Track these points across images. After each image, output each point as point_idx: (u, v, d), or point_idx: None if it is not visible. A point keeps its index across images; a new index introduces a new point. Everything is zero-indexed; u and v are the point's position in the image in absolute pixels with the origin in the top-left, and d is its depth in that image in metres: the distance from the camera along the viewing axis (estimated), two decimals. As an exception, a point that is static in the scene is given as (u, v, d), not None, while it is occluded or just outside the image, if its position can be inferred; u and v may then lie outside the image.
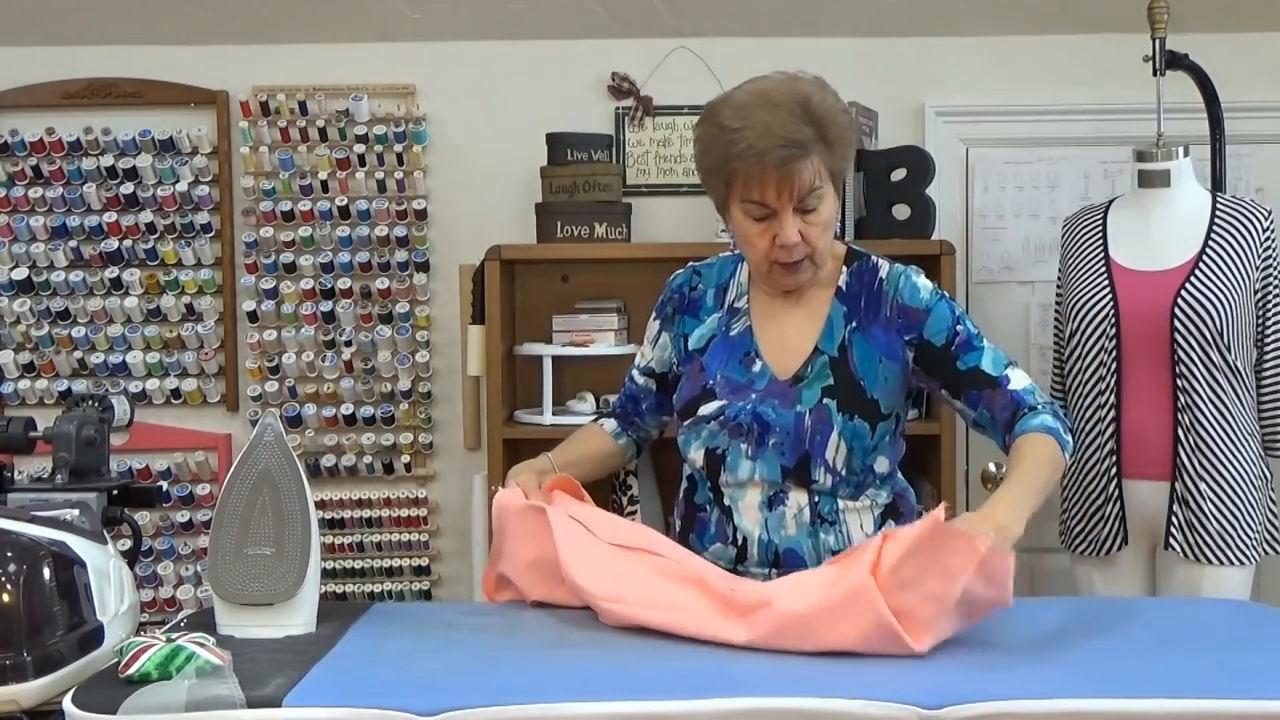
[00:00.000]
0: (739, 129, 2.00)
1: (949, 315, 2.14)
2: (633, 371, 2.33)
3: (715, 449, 2.12)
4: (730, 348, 2.17)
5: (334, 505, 3.55)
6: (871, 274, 2.17)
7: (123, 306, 3.53)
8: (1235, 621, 1.68)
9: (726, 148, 2.02)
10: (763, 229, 2.05)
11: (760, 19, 3.48)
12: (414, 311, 3.54)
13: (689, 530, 2.20)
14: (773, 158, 1.98)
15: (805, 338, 2.14)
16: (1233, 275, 2.75)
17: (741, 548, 2.12)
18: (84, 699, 1.53)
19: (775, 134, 1.98)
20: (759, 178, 2.01)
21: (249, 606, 1.83)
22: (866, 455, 2.11)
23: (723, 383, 2.14)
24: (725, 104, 2.06)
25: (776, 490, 2.10)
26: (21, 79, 3.52)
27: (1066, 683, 1.56)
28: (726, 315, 2.21)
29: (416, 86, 3.54)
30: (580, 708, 1.51)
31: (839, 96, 2.08)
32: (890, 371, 2.12)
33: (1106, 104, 3.47)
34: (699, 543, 2.17)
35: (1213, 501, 2.74)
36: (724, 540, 2.13)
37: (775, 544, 2.10)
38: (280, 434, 1.89)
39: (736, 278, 2.23)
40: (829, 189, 2.05)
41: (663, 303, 2.28)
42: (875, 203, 3.24)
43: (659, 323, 2.28)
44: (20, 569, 1.63)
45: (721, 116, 2.04)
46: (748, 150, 1.99)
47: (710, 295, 2.23)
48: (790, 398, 2.10)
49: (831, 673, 1.62)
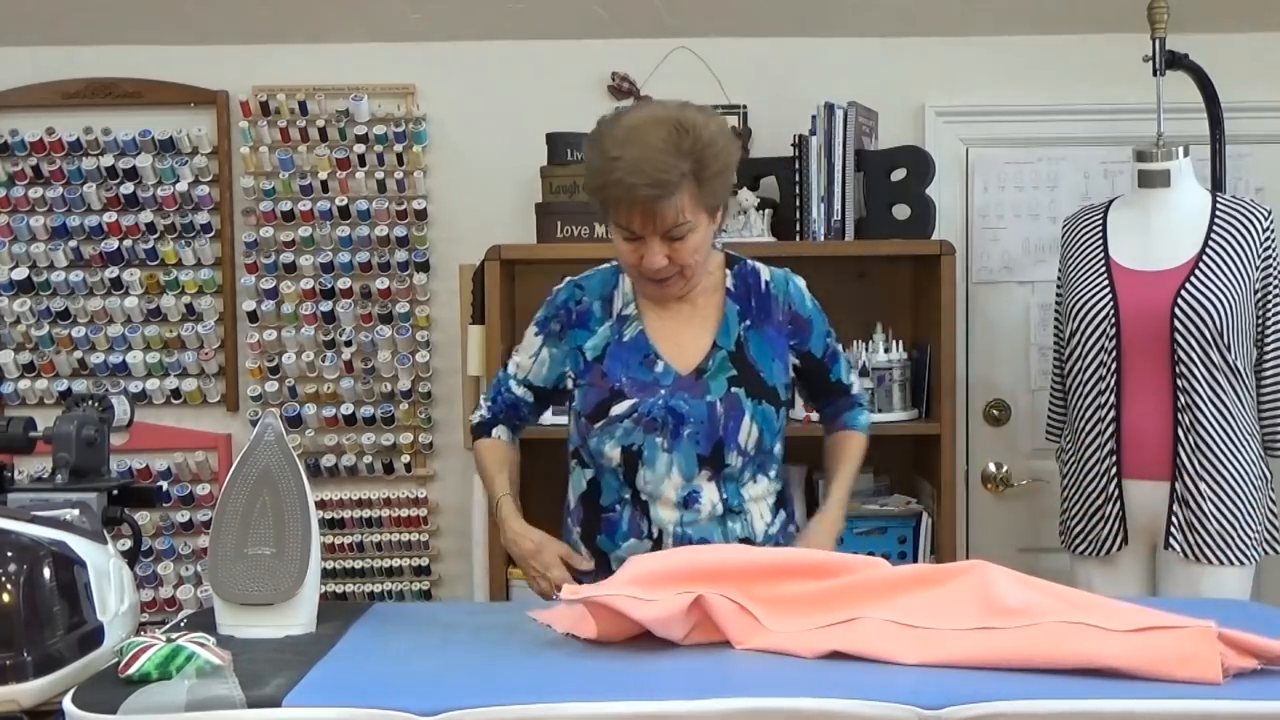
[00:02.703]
0: (615, 159, 2.08)
1: (823, 326, 2.33)
2: (509, 383, 2.37)
3: (631, 446, 2.19)
4: (627, 352, 2.24)
5: (334, 505, 3.55)
6: (754, 276, 2.30)
7: (123, 306, 3.53)
8: (1235, 621, 1.68)
9: (602, 176, 2.10)
10: (632, 249, 2.15)
11: (760, 19, 3.48)
12: (414, 311, 3.54)
13: (594, 532, 2.26)
14: (639, 194, 2.06)
15: (702, 336, 2.24)
16: (1233, 275, 2.75)
17: (657, 540, 2.21)
18: (84, 699, 1.53)
19: (645, 171, 2.05)
20: (627, 208, 2.10)
21: (249, 606, 1.83)
22: (774, 438, 2.25)
23: (629, 383, 2.21)
24: (610, 128, 2.14)
25: (691, 490, 2.19)
26: (21, 79, 3.52)
27: (1066, 683, 1.56)
28: (617, 323, 2.27)
29: (416, 86, 3.54)
30: (580, 708, 1.51)
31: (724, 125, 2.19)
32: (780, 368, 2.26)
33: (1106, 104, 3.47)
34: (610, 541, 2.24)
35: (1213, 501, 2.74)
36: (638, 535, 2.22)
37: (690, 536, 2.19)
38: (280, 434, 1.89)
39: (620, 288, 2.30)
40: (700, 219, 2.13)
41: (545, 318, 2.33)
42: (875, 203, 3.24)
43: (541, 338, 2.33)
44: (20, 569, 1.63)
45: (604, 141, 2.12)
46: (618, 183, 2.07)
47: (597, 306, 2.29)
48: (699, 389, 2.20)
49: (831, 673, 1.62)
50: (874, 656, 1.68)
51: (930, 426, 3.16)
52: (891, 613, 1.75)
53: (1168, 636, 1.61)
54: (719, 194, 2.17)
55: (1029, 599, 1.72)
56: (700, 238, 2.15)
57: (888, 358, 3.21)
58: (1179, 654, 1.58)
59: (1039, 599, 1.73)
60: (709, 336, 2.24)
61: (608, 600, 1.76)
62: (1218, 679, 1.55)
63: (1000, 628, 1.68)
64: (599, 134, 2.15)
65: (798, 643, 1.73)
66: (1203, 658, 1.57)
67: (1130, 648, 1.59)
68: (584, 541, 2.28)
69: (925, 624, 1.72)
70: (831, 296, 2.33)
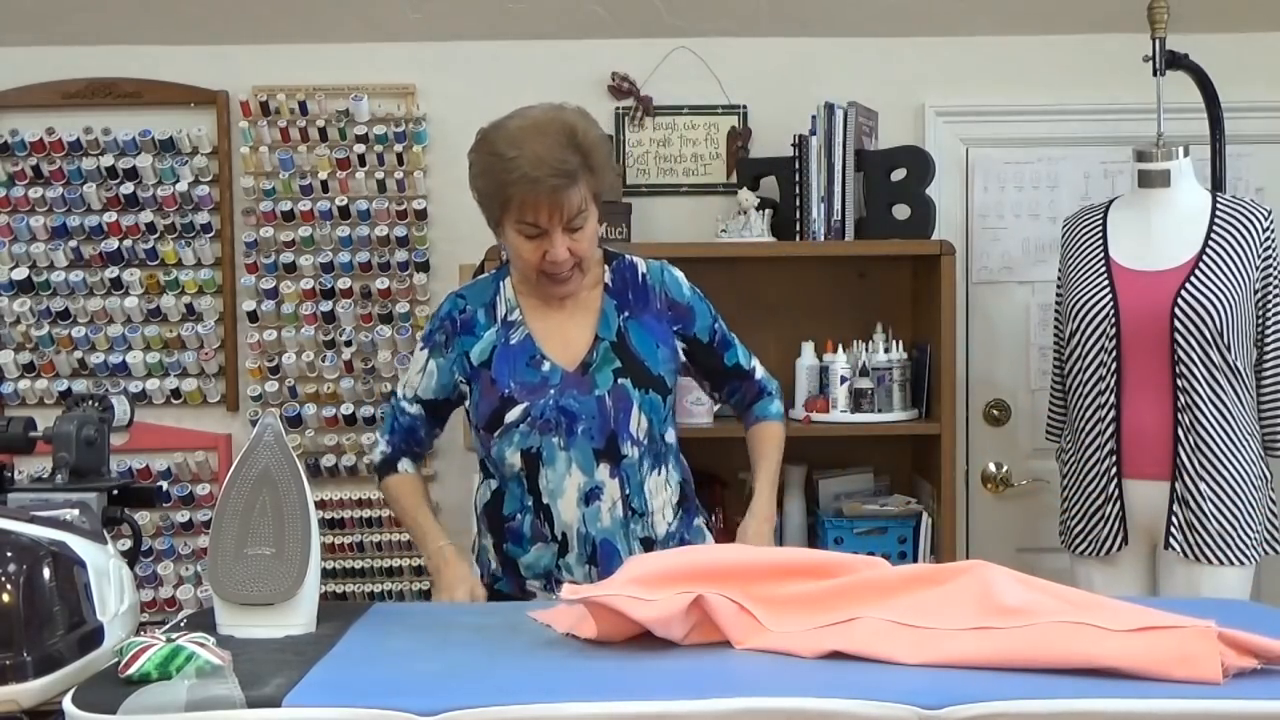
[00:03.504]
0: (514, 157, 2.15)
1: (709, 314, 2.40)
2: (401, 404, 2.39)
3: (530, 449, 2.24)
4: (514, 355, 2.29)
5: (334, 505, 3.55)
6: (631, 270, 2.37)
7: (123, 306, 3.53)
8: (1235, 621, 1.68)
9: (502, 174, 2.17)
10: (534, 246, 2.21)
11: (760, 19, 3.48)
12: (414, 311, 3.54)
13: (501, 543, 2.30)
14: (545, 185, 2.15)
15: (584, 330, 2.31)
16: (1233, 275, 2.75)
17: (562, 543, 2.25)
18: (84, 699, 1.53)
19: (547, 163, 2.14)
20: (533, 202, 2.17)
21: (249, 606, 1.83)
22: (662, 425, 2.31)
23: (518, 387, 2.26)
24: (499, 132, 2.21)
25: (593, 486, 2.24)
26: (21, 79, 3.52)
27: (1066, 683, 1.56)
28: (503, 328, 2.31)
29: (416, 86, 3.55)
30: (580, 708, 1.51)
31: (599, 126, 2.29)
32: (665, 355, 2.32)
33: (1106, 104, 3.47)
34: (517, 548, 2.28)
35: (1213, 501, 2.74)
36: (543, 540, 2.26)
37: (593, 536, 2.25)
38: (280, 434, 1.89)
39: (503, 294, 2.35)
40: (592, 209, 2.24)
41: (431, 332, 2.37)
42: (875, 203, 3.25)
43: (426, 351, 2.36)
44: (20, 569, 1.63)
45: (497, 144, 2.18)
46: (522, 178, 2.15)
47: (481, 313, 2.34)
48: (586, 385, 2.26)
49: (831, 673, 1.62)
50: (873, 656, 1.67)
51: (930, 426, 3.16)
52: (891, 613, 1.75)
53: (1168, 637, 1.60)
54: (605, 185, 2.27)
55: (1028, 599, 1.72)
56: (594, 228, 2.26)
57: (888, 358, 3.21)
58: (1179, 654, 1.58)
59: (1038, 599, 1.73)
60: (590, 330, 2.30)
61: (607, 600, 1.76)
62: (1218, 679, 1.55)
63: (1000, 627, 1.67)
64: (487, 139, 2.23)
65: (797, 643, 1.73)
66: (1202, 657, 1.56)
67: (1130, 648, 1.59)
68: (494, 550, 2.32)
69: (924, 624, 1.72)
70: (831, 296, 2.34)
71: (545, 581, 2.29)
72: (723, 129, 3.53)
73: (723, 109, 3.52)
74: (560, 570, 2.27)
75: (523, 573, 2.30)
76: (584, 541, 2.25)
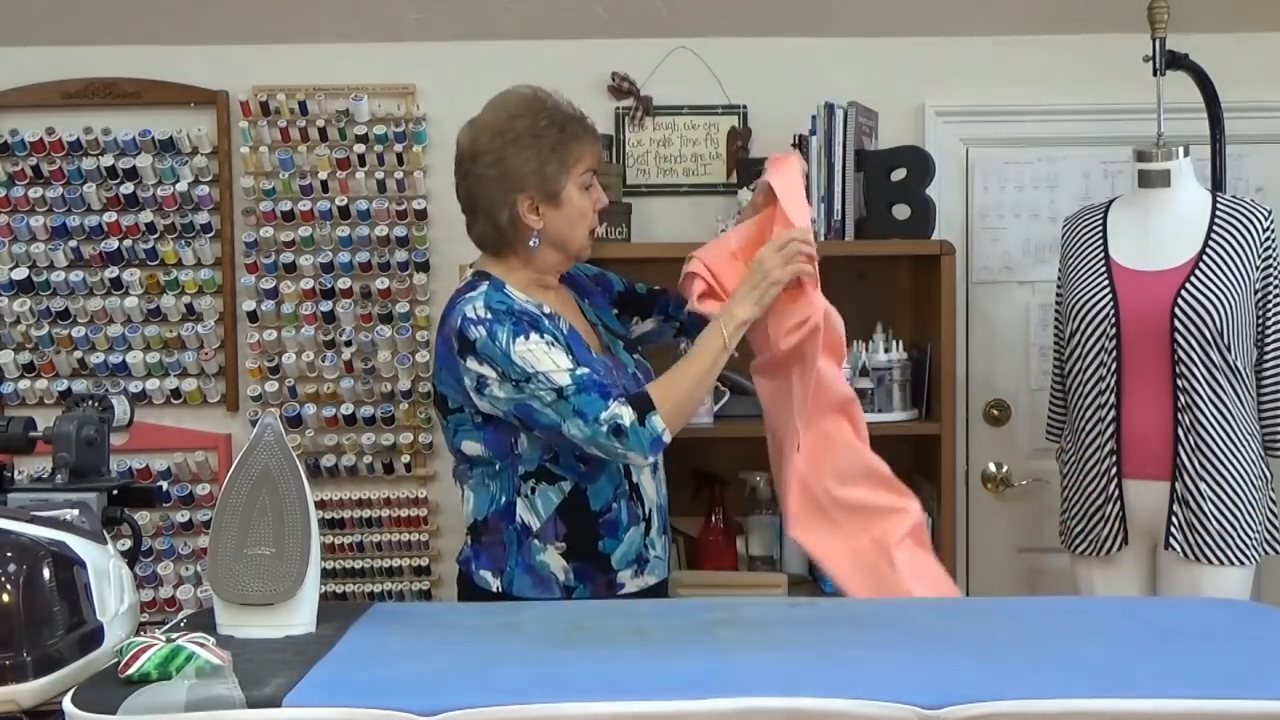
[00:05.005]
0: (572, 115, 2.30)
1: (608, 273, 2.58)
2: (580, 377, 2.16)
3: None
4: (577, 344, 2.29)
5: (334, 505, 3.55)
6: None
7: (123, 306, 3.53)
8: (1235, 621, 1.68)
9: (559, 117, 2.28)
10: (588, 197, 2.32)
11: (760, 19, 3.48)
12: (414, 311, 3.54)
13: (594, 540, 2.26)
14: (594, 129, 2.35)
15: (581, 318, 2.41)
16: (1233, 275, 2.75)
17: (648, 521, 2.30)
18: (84, 699, 1.53)
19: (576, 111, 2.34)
20: (593, 148, 2.33)
21: (249, 606, 1.83)
22: None
23: (604, 370, 2.27)
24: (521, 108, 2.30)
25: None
26: (21, 79, 3.52)
27: (1066, 683, 1.56)
28: (550, 322, 2.27)
29: (416, 86, 3.55)
30: (580, 708, 1.51)
31: None
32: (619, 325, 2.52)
33: (1106, 104, 3.47)
34: (612, 541, 2.27)
35: (1213, 501, 2.74)
36: (635, 522, 2.28)
37: (661, 505, 2.37)
38: (280, 434, 1.89)
39: (517, 298, 2.28)
40: None
41: (518, 321, 2.20)
42: (875, 203, 3.24)
43: (533, 335, 2.19)
44: (20, 569, 1.63)
45: (536, 115, 2.27)
46: (583, 129, 2.30)
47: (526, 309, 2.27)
48: (620, 365, 2.37)
49: (831, 673, 1.62)
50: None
51: (930, 426, 3.16)
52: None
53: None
54: None
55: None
56: None
57: (888, 358, 3.21)
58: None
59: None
60: (585, 319, 2.41)
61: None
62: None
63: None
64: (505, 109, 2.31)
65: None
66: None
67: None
68: (571, 558, 2.26)
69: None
70: (832, 296, 2.33)
71: (636, 567, 2.30)
72: (723, 129, 3.53)
73: (723, 109, 3.52)
74: (647, 549, 2.31)
75: (613, 566, 2.27)
76: (660, 513, 2.35)
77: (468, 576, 2.34)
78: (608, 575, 2.28)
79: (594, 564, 2.27)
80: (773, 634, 1.84)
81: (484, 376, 2.19)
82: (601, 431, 2.13)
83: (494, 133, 2.27)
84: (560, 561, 2.26)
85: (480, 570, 2.31)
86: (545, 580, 2.27)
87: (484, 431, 2.26)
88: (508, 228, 2.29)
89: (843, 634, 1.84)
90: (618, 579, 2.28)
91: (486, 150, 2.27)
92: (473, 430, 2.27)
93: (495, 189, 2.28)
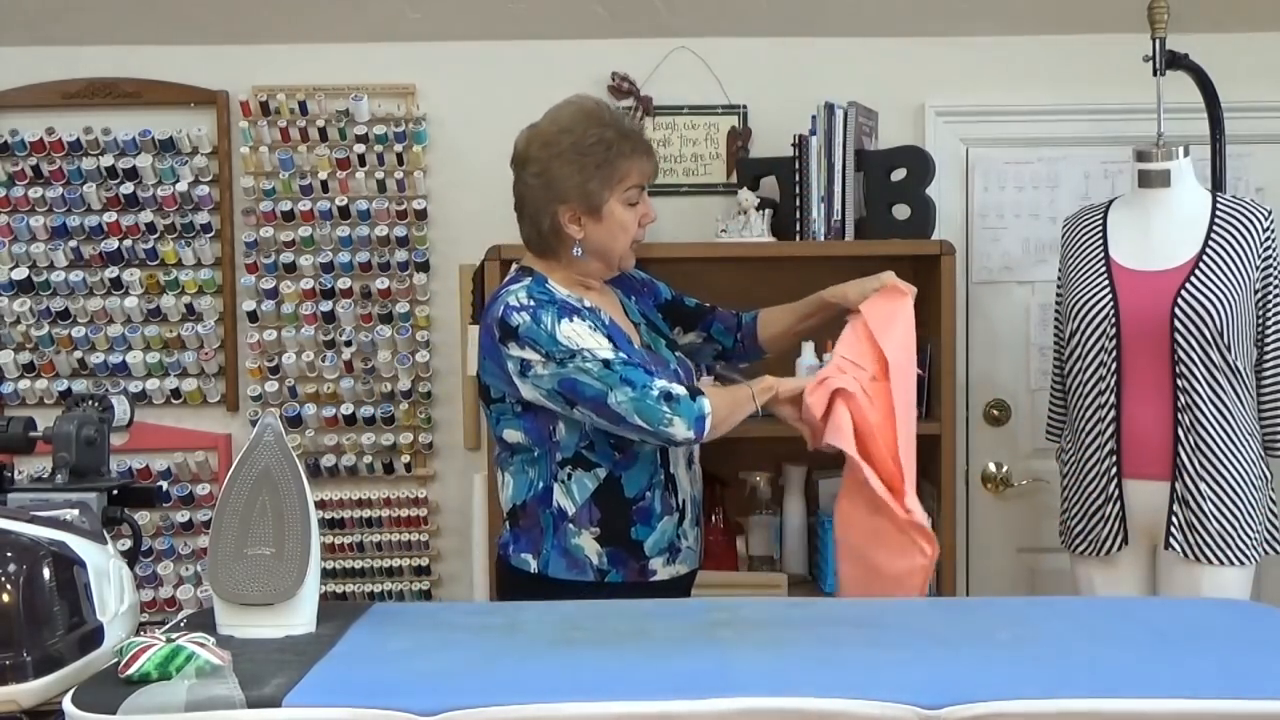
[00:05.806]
0: (628, 130, 2.33)
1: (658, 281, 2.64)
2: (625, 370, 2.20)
3: None
4: (619, 335, 2.34)
5: (334, 505, 3.55)
6: None
7: (123, 306, 3.53)
8: (1235, 621, 1.68)
9: (612, 149, 2.29)
10: (634, 213, 2.35)
11: (760, 19, 3.48)
12: (414, 311, 3.54)
13: (627, 527, 2.31)
14: (646, 144, 2.37)
15: (621, 313, 2.46)
16: (1233, 275, 2.75)
17: (681, 511, 2.35)
18: (84, 699, 1.53)
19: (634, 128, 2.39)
20: (641, 166, 2.34)
21: (249, 606, 1.83)
22: None
23: (649, 359, 2.35)
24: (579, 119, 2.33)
25: (691, 450, 2.41)
26: (21, 79, 3.52)
27: (1066, 683, 1.56)
28: (591, 314, 2.32)
29: (416, 86, 3.55)
30: (580, 708, 1.51)
31: None
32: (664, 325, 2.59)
33: (1106, 104, 3.47)
34: (645, 528, 2.31)
35: (1213, 501, 2.74)
36: (669, 512, 2.34)
37: (695, 497, 2.42)
38: (280, 434, 1.89)
39: (559, 291, 2.33)
40: None
41: (561, 307, 2.27)
42: (875, 203, 3.24)
43: (576, 319, 2.26)
44: (20, 569, 1.63)
45: (588, 128, 2.30)
46: (638, 145, 2.33)
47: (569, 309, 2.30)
48: (660, 360, 2.41)
49: (831, 673, 1.62)
50: None
51: (930, 426, 3.16)
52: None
53: None
54: None
55: None
56: None
57: (888, 358, 3.21)
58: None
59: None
60: (627, 316, 2.46)
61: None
62: None
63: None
64: (558, 122, 2.34)
65: None
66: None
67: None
68: (605, 543, 2.31)
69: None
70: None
71: (668, 555, 2.35)
72: (723, 129, 3.53)
73: (723, 109, 3.52)
74: (679, 539, 2.36)
75: (646, 553, 2.32)
76: (693, 505, 2.40)
77: (505, 560, 2.39)
78: (640, 562, 2.33)
79: (627, 550, 2.32)
80: (773, 634, 1.84)
81: (527, 360, 2.24)
82: (652, 395, 2.18)
83: (543, 143, 2.33)
84: (595, 546, 2.31)
85: (520, 553, 2.36)
86: (580, 564, 2.32)
87: (524, 419, 2.32)
88: (549, 234, 2.36)
89: (843, 634, 1.84)
90: (650, 565, 2.33)
91: (535, 159, 2.34)
92: (513, 419, 2.33)
93: (539, 197, 2.34)
